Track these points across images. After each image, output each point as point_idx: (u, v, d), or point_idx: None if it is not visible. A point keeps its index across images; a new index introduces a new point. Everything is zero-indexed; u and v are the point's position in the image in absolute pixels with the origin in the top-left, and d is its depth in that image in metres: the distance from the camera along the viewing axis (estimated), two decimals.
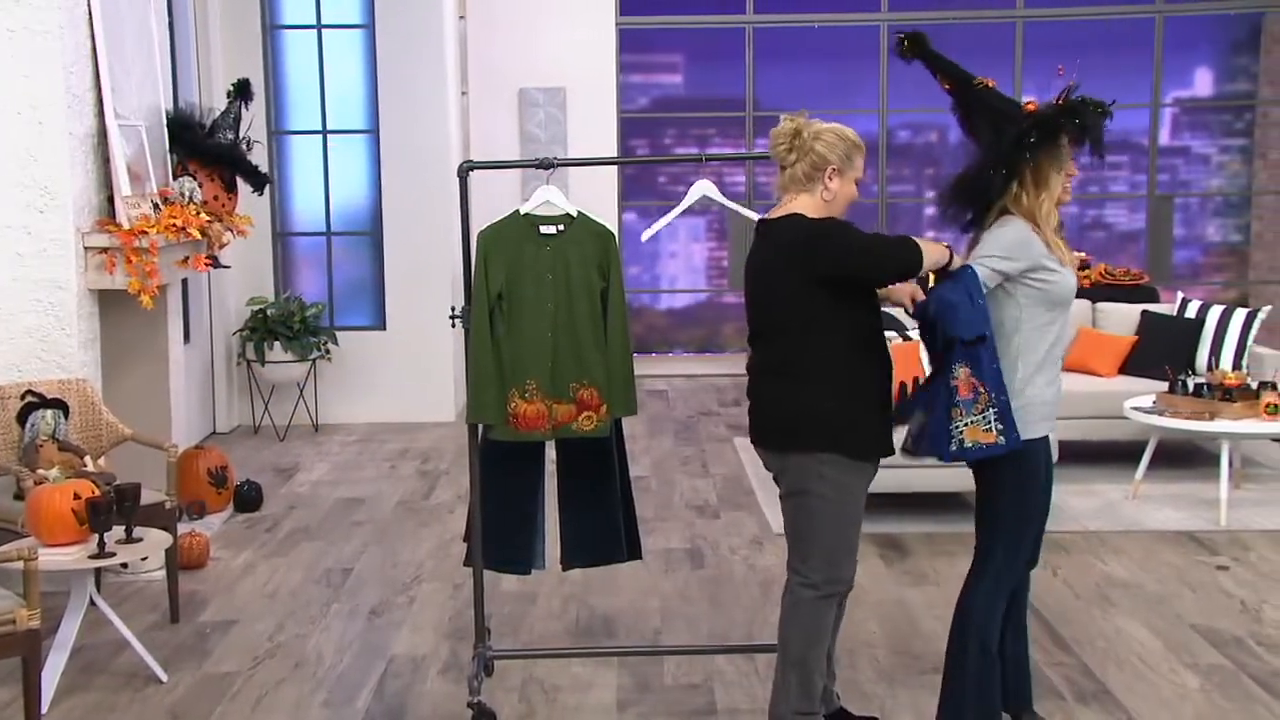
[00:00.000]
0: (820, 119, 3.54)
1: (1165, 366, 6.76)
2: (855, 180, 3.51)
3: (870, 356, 3.52)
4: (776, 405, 3.56)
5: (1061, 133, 3.47)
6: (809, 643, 3.58)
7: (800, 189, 3.50)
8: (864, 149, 3.53)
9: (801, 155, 3.47)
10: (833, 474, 3.45)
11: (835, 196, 3.49)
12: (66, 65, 5.18)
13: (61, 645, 4.18)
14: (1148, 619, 4.82)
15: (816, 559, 3.53)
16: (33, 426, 4.90)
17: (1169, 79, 10.79)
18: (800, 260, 3.42)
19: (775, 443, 3.57)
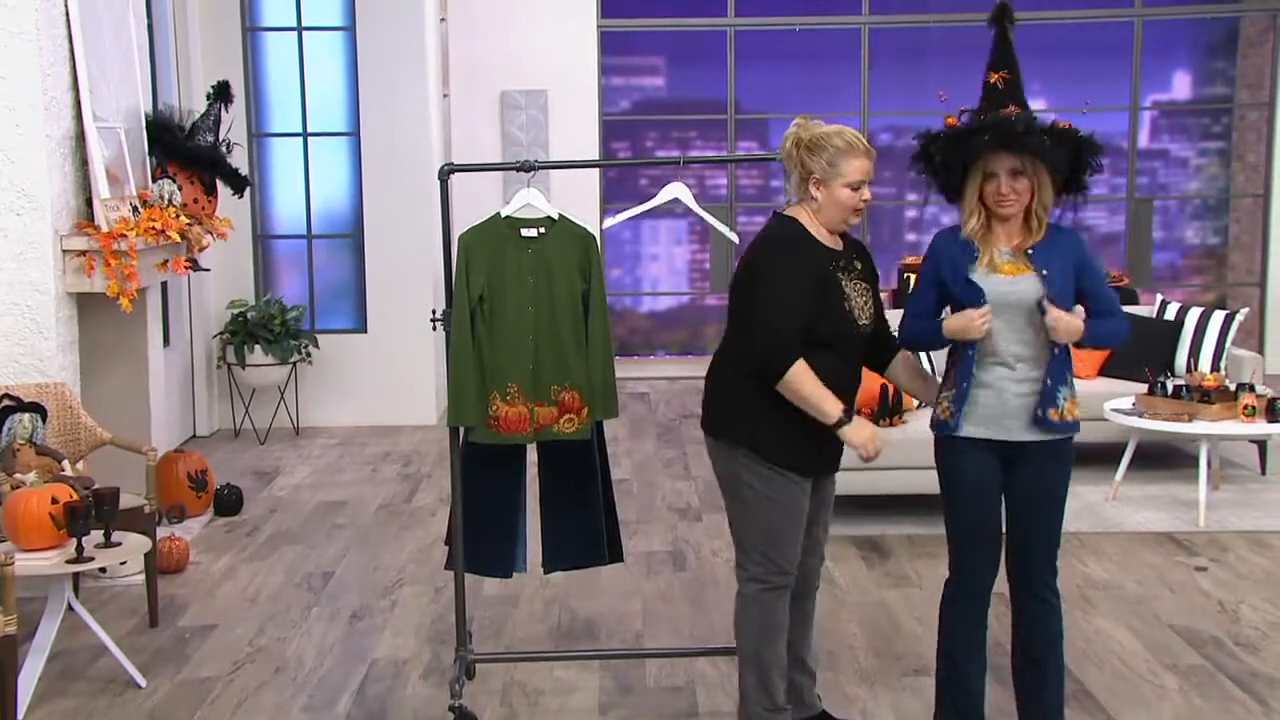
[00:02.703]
0: (824, 121, 3.53)
1: (1144, 368, 6.80)
2: (849, 185, 3.43)
3: (819, 372, 3.39)
4: (710, 391, 3.62)
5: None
6: (762, 639, 3.57)
7: (798, 194, 3.52)
8: (859, 150, 3.43)
9: (794, 166, 3.49)
10: (754, 469, 3.47)
11: (823, 205, 3.46)
12: (44, 67, 5.16)
13: (38, 650, 4.16)
14: (1127, 620, 4.85)
15: (754, 551, 3.54)
16: (9, 430, 4.87)
17: (1148, 82, 10.85)
18: (745, 259, 3.50)
19: (705, 426, 3.62)
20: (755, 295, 3.42)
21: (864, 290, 3.54)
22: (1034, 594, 3.60)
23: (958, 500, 3.58)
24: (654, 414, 9.14)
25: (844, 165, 3.43)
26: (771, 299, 3.39)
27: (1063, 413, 3.50)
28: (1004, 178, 3.42)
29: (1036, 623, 3.61)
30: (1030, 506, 3.55)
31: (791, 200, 3.56)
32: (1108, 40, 10.75)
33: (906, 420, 6.12)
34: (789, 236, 3.47)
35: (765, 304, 3.40)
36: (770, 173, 11.16)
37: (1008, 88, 3.55)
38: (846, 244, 3.57)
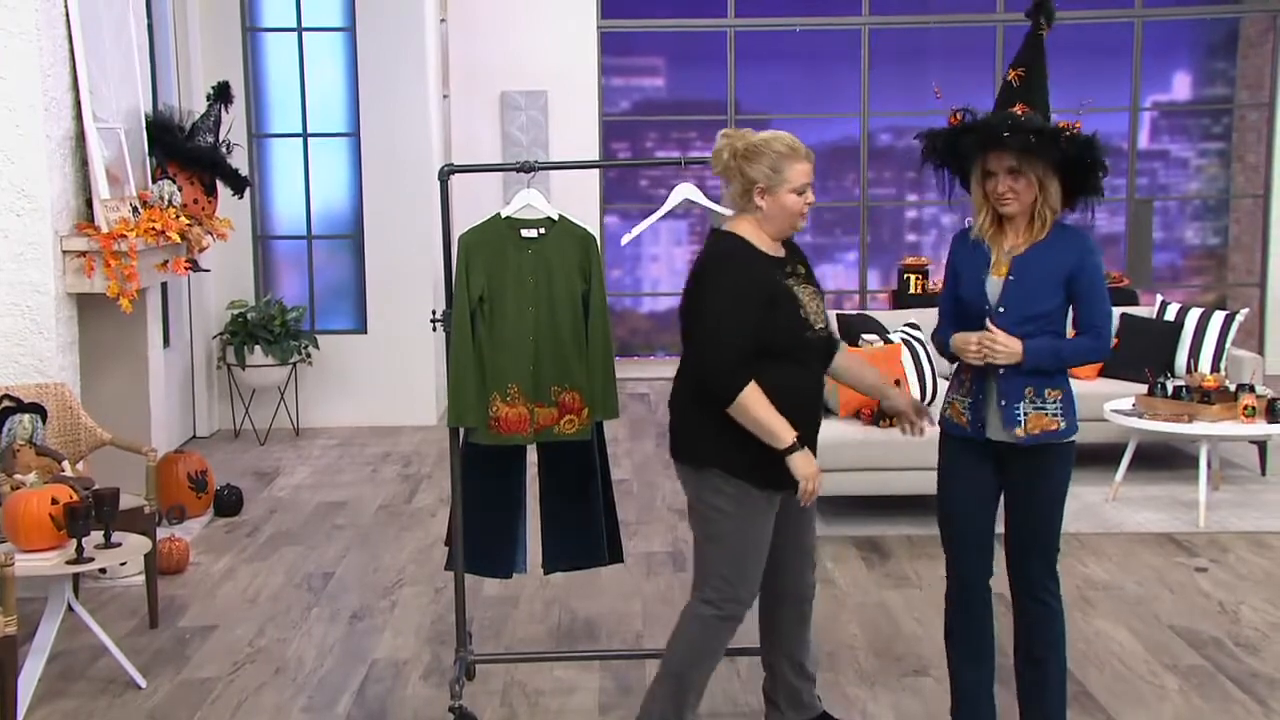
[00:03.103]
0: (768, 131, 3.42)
1: (1144, 369, 6.79)
2: (794, 190, 3.36)
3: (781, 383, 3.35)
4: (674, 416, 3.54)
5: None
6: (693, 661, 3.49)
7: (739, 207, 3.43)
8: (800, 154, 3.37)
9: (733, 177, 3.39)
10: (723, 491, 3.39)
11: (769, 214, 3.38)
12: (44, 67, 5.16)
13: (38, 651, 4.15)
14: (1127, 620, 4.85)
15: (715, 576, 3.45)
16: (9, 431, 4.87)
17: (1148, 83, 10.85)
18: (689, 285, 3.40)
19: (673, 452, 3.54)
20: (700, 320, 3.34)
21: (814, 294, 3.49)
22: (1033, 596, 3.59)
23: (947, 498, 3.61)
24: (654, 414, 9.13)
25: (788, 171, 3.35)
26: (716, 323, 3.30)
27: (1026, 428, 3.45)
28: (1002, 176, 3.41)
29: (1036, 624, 3.59)
30: (1024, 508, 3.54)
31: (726, 215, 3.48)
32: (1108, 41, 10.75)
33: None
34: (728, 254, 3.37)
35: (710, 329, 3.31)
36: None
37: (1021, 86, 3.53)
38: (788, 250, 3.51)
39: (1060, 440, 3.48)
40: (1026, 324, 3.43)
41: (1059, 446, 3.50)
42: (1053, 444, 3.48)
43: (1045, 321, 3.44)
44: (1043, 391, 3.46)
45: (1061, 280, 3.43)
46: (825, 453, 5.89)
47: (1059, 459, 3.52)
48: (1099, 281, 3.47)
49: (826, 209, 11.30)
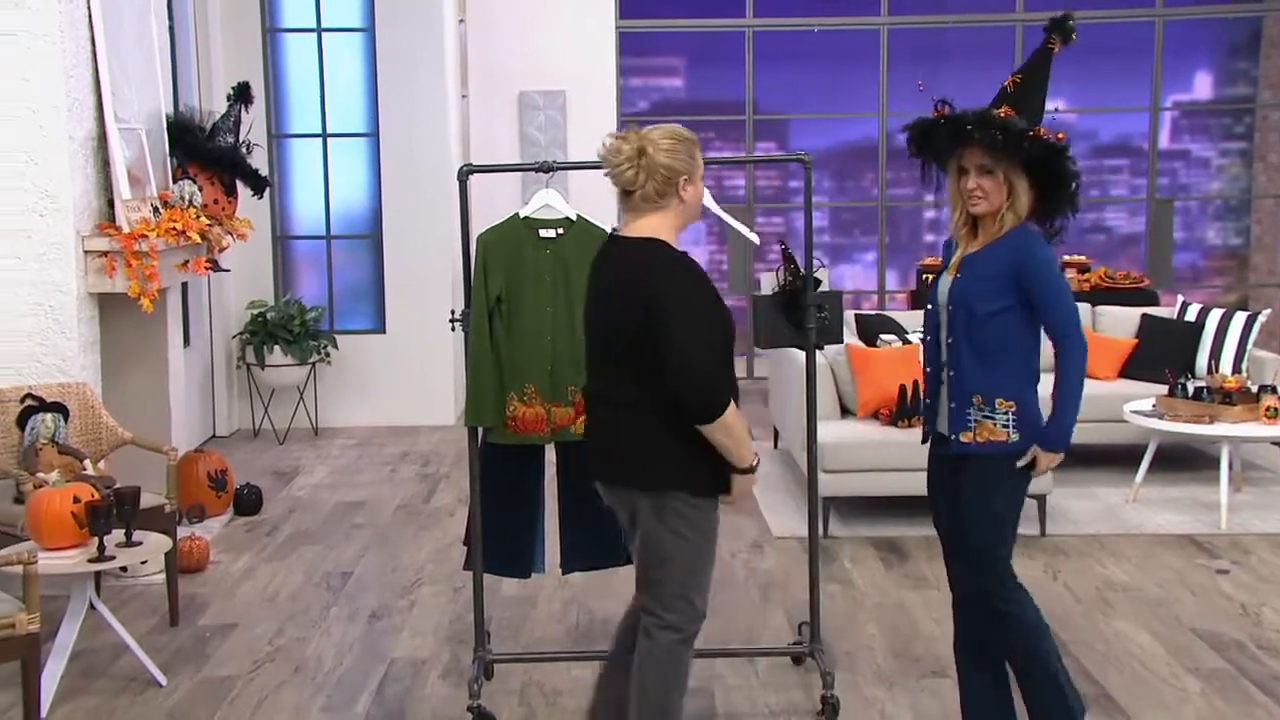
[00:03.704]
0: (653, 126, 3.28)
1: (1165, 370, 6.76)
2: (703, 178, 3.29)
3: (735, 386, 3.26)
4: (623, 439, 3.25)
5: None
6: (669, 689, 3.32)
7: (653, 207, 3.21)
8: (698, 142, 3.27)
9: (650, 173, 3.18)
10: (684, 514, 3.21)
11: (690, 205, 3.25)
12: (67, 69, 5.19)
13: (61, 649, 4.18)
14: (1148, 622, 4.82)
15: (674, 598, 3.28)
16: (32, 430, 4.90)
17: (1169, 82, 10.79)
18: (642, 300, 3.13)
19: (614, 478, 3.30)
20: (681, 337, 3.08)
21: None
22: (971, 597, 3.59)
23: (932, 508, 3.67)
24: None
25: (699, 156, 3.25)
26: (696, 338, 3.09)
27: (974, 435, 3.44)
28: (973, 173, 3.41)
29: (985, 627, 3.57)
30: (956, 509, 3.54)
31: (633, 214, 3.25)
32: (1128, 40, 10.70)
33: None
34: (678, 262, 3.18)
35: (693, 345, 3.08)
36: (789, 173, 11.15)
37: (1015, 91, 3.54)
38: None
39: (1000, 454, 3.43)
40: (974, 324, 3.41)
41: (992, 460, 3.44)
42: (999, 455, 3.43)
43: (996, 323, 3.39)
44: (992, 400, 3.42)
45: (1006, 281, 3.38)
46: (845, 453, 5.95)
47: (1000, 470, 3.45)
48: (1051, 280, 3.38)
49: (845, 209, 11.28)
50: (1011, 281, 3.38)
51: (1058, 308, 3.38)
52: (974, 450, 3.45)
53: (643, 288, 3.14)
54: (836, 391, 6.40)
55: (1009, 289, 3.38)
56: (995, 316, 3.40)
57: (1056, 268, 3.46)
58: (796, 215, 11.02)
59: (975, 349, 3.43)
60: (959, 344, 3.46)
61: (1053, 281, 3.39)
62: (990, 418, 3.42)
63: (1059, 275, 3.44)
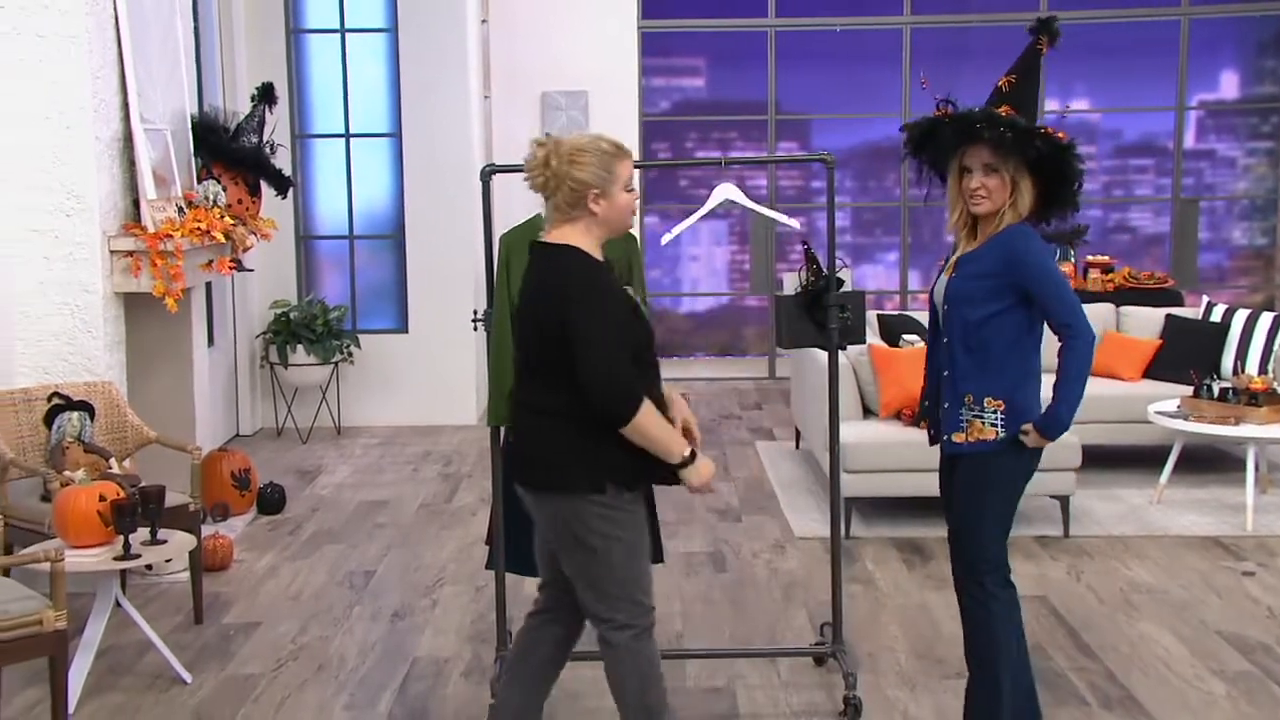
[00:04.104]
0: (580, 133, 3.29)
1: (1190, 370, 6.72)
2: (626, 188, 3.23)
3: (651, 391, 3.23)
4: (536, 447, 3.27)
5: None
6: (644, 686, 3.32)
7: (564, 217, 3.22)
8: (624, 152, 3.23)
9: (559, 184, 3.17)
10: (609, 516, 3.20)
11: (604, 217, 3.21)
12: (94, 70, 5.23)
13: (88, 646, 4.21)
14: (1173, 625, 4.79)
15: (616, 599, 3.26)
16: (59, 428, 4.93)
17: (1194, 82, 10.72)
18: (552, 308, 3.16)
19: (538, 484, 3.27)
20: (588, 343, 3.09)
21: (637, 292, 3.39)
22: (960, 591, 3.58)
23: (945, 508, 3.66)
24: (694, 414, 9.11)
25: (619, 169, 3.21)
26: (605, 344, 3.10)
27: (966, 435, 3.45)
28: (977, 172, 3.40)
29: (965, 615, 3.57)
30: (955, 504, 3.55)
31: (550, 226, 3.26)
32: (1154, 39, 10.64)
33: None
34: (588, 269, 3.18)
35: (602, 351, 3.09)
36: (811, 173, 11.13)
37: (1011, 91, 3.53)
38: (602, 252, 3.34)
39: (990, 450, 3.42)
40: (969, 325, 3.41)
41: (993, 457, 3.44)
42: (984, 454, 3.43)
43: (992, 324, 3.38)
44: (981, 399, 3.42)
45: (1001, 281, 3.37)
46: (867, 453, 5.93)
47: (988, 469, 3.45)
48: (1047, 274, 3.37)
49: (867, 209, 11.26)
50: (1006, 281, 3.37)
51: (1058, 301, 3.36)
52: (965, 450, 3.47)
53: (552, 296, 3.16)
54: (859, 392, 6.38)
55: (1004, 289, 3.38)
56: (992, 318, 3.39)
57: (1052, 261, 3.46)
58: (819, 215, 11.00)
59: (970, 350, 3.43)
60: (954, 345, 3.47)
61: (1049, 275, 3.38)
62: (980, 416, 3.43)
63: (1055, 269, 3.43)
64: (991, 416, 3.41)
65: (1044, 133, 3.38)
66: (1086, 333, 3.37)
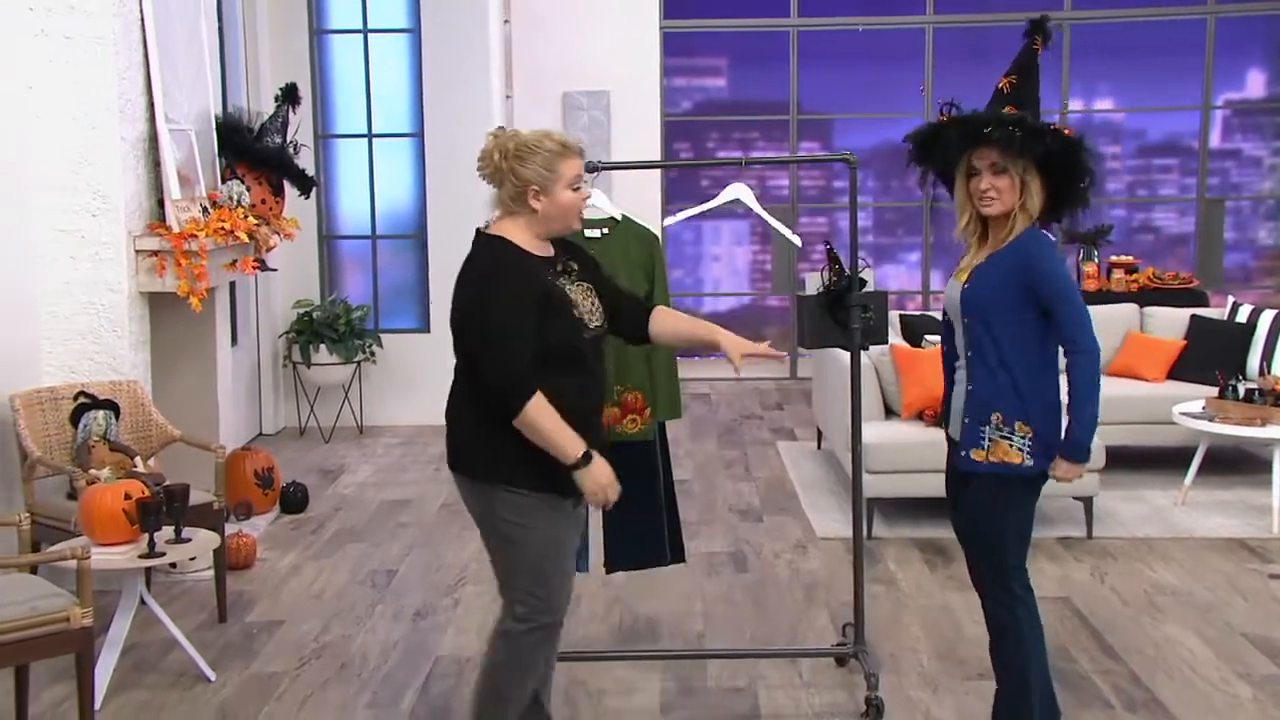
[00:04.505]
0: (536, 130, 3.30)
1: (1215, 371, 6.68)
2: (570, 186, 3.24)
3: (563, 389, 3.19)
4: (451, 430, 3.35)
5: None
6: (512, 680, 3.35)
7: (507, 210, 3.28)
8: (573, 150, 3.25)
9: (503, 178, 3.23)
10: (514, 503, 3.22)
11: (543, 215, 3.23)
12: (120, 71, 5.26)
13: (113, 643, 4.24)
14: (1198, 627, 4.76)
15: (519, 590, 3.29)
16: (85, 427, 4.97)
17: (1220, 81, 10.65)
18: (462, 294, 3.23)
19: (452, 465, 3.35)
20: (480, 331, 3.16)
21: (588, 292, 3.35)
22: (985, 598, 3.56)
23: (952, 510, 3.65)
24: (715, 415, 9.12)
25: (563, 167, 3.22)
26: (499, 333, 3.14)
27: (987, 454, 3.39)
28: (985, 174, 3.37)
29: (989, 627, 3.55)
30: (972, 518, 3.52)
31: (495, 215, 3.32)
32: (1179, 38, 10.57)
33: None
34: (499, 260, 3.22)
35: (493, 340, 3.14)
36: (833, 173, 11.11)
37: (1012, 91, 3.51)
38: (559, 248, 3.36)
39: (1014, 474, 3.38)
40: (991, 338, 3.36)
41: (1017, 480, 3.39)
42: (1006, 475, 3.38)
43: (1016, 336, 3.34)
44: (1012, 423, 3.36)
45: (1019, 289, 3.33)
46: (889, 454, 5.92)
47: (1011, 491, 3.41)
48: (1060, 285, 3.33)
49: (890, 209, 11.23)
50: (1025, 288, 3.33)
51: (1066, 307, 3.32)
52: (982, 469, 3.41)
53: (462, 284, 3.23)
54: (881, 392, 6.37)
55: (1025, 299, 3.33)
56: (1017, 333, 3.34)
57: (1066, 270, 3.42)
58: (841, 215, 10.98)
59: (996, 364, 3.36)
60: (977, 361, 3.40)
61: (1061, 281, 3.34)
62: (1008, 439, 3.36)
63: (1069, 279, 3.39)
64: (1021, 441, 3.35)
65: (1052, 129, 3.35)
66: (1092, 349, 3.31)
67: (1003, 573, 3.48)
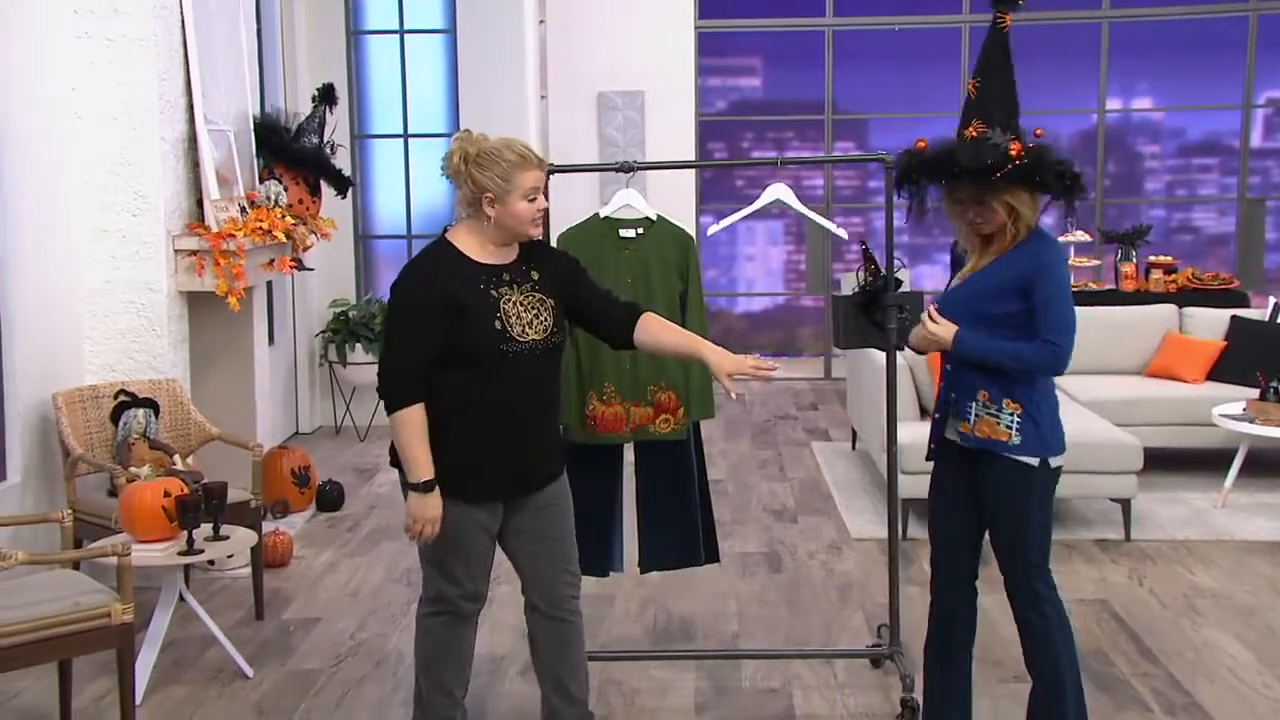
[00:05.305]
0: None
1: (1256, 373, 6.60)
2: (524, 197, 3.26)
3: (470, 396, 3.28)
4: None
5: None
6: (423, 662, 3.53)
7: (466, 212, 3.33)
8: (532, 162, 3.27)
9: (462, 182, 3.28)
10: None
11: (495, 222, 3.27)
12: (160, 73, 5.31)
13: (153, 639, 4.28)
14: (1238, 630, 4.71)
15: (426, 575, 3.50)
16: (125, 425, 5.02)
17: (1262, 78, 10.53)
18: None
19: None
20: (386, 327, 3.33)
21: (537, 303, 3.32)
22: (1016, 604, 3.55)
23: (929, 501, 3.67)
24: (749, 415, 9.11)
25: (517, 178, 3.24)
26: (396, 333, 3.29)
27: (974, 427, 3.42)
28: (969, 205, 3.41)
29: (1022, 633, 3.54)
30: (991, 518, 3.51)
31: (459, 216, 3.37)
32: (1220, 36, 10.46)
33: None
34: (425, 260, 3.32)
35: (390, 339, 3.31)
36: (868, 173, 11.07)
37: (979, 98, 3.51)
38: (522, 253, 3.37)
39: (1011, 455, 3.38)
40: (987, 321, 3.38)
41: (1019, 467, 3.39)
42: (1007, 459, 3.39)
43: (1010, 324, 3.37)
44: (1000, 400, 3.39)
45: (1014, 289, 3.36)
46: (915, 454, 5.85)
47: (1019, 479, 3.40)
48: (1055, 292, 3.34)
49: None
50: (1021, 292, 3.36)
51: (1055, 319, 3.33)
52: (978, 444, 3.43)
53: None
54: (916, 392, 6.34)
55: (1016, 297, 3.36)
56: (999, 321, 3.37)
57: (1065, 274, 3.43)
58: (876, 215, 10.94)
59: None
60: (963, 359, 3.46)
61: (1060, 294, 3.36)
62: (995, 416, 3.39)
63: (1064, 283, 3.40)
64: (1009, 418, 3.38)
65: (1011, 147, 3.32)
66: (1066, 349, 3.34)
67: (1031, 571, 3.47)
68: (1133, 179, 11.06)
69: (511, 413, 3.32)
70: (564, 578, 3.58)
